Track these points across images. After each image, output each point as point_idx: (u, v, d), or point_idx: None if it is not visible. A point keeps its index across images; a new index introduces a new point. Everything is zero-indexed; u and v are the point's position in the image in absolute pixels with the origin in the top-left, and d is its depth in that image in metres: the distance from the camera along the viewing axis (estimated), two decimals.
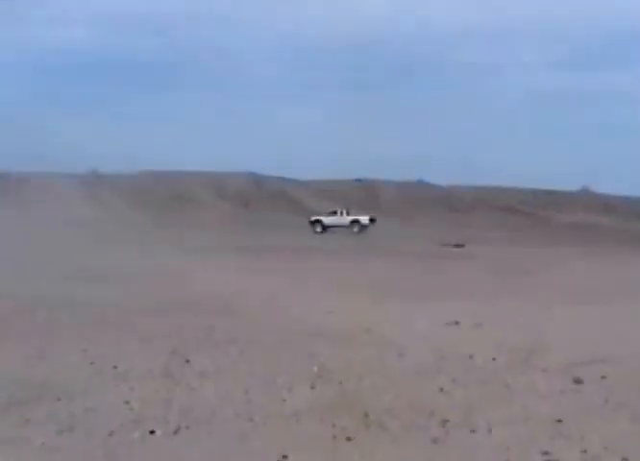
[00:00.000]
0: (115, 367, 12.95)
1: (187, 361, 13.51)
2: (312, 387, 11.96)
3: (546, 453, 8.94)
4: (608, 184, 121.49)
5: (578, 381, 12.57)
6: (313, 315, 19.07)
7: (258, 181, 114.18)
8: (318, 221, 77.03)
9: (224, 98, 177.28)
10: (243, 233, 62.10)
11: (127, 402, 10.83)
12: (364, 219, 77.22)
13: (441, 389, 11.91)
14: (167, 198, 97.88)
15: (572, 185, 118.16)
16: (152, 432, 9.50)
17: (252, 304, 20.75)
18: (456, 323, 18.11)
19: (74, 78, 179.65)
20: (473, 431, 9.80)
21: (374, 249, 49.40)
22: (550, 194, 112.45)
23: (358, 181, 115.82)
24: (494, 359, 14.27)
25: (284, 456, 8.66)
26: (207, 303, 20.76)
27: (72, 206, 73.03)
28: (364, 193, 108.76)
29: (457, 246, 55.37)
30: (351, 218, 77.30)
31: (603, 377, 12.87)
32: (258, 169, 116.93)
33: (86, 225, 58.35)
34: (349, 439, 9.39)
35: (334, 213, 79.04)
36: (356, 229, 74.95)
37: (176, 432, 9.56)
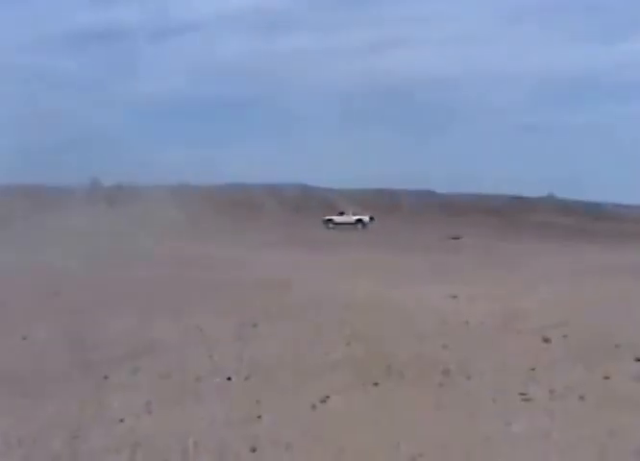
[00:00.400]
0: (201, 330, 13.07)
1: (254, 326, 13.59)
2: (347, 345, 12.00)
3: (523, 394, 8.95)
4: (568, 191, 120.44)
5: (546, 340, 12.53)
6: (346, 292, 19.05)
7: (306, 190, 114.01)
8: (330, 220, 76.62)
9: (283, 126, 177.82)
10: (295, 232, 62.11)
11: (210, 357, 10.94)
12: (365, 218, 76.45)
13: (444, 346, 11.91)
14: (237, 204, 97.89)
15: (540, 192, 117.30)
16: (229, 379, 9.60)
17: (299, 284, 20.75)
18: (455, 297, 18.06)
19: (172, 113, 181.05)
20: (468, 378, 9.83)
21: (395, 242, 49.24)
22: (523, 199, 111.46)
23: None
24: (483, 323, 14.25)
25: (327, 396, 8.73)
26: (266, 283, 20.81)
27: (166, 210, 73.16)
28: (387, 200, 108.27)
29: (455, 238, 55.07)
30: (356, 217, 76.60)
31: (565, 336, 12.83)
32: (306, 181, 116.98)
33: (175, 226, 58.51)
34: (375, 384, 9.44)
35: (342, 214, 78.45)
36: (360, 226, 74.43)
37: (246, 379, 9.65)
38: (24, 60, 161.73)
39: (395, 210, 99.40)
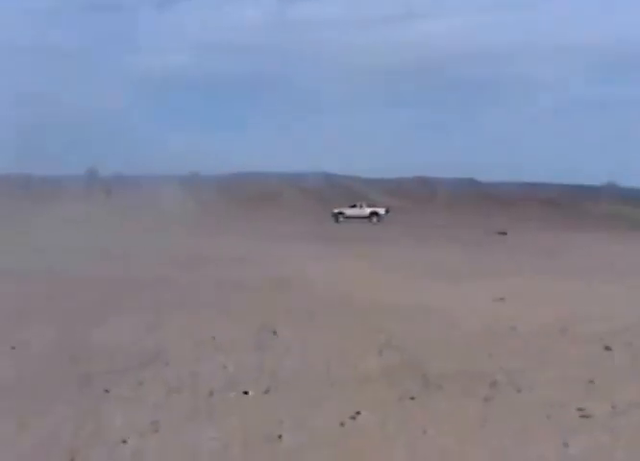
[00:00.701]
0: (214, 338, 13.09)
1: (274, 333, 13.60)
2: (380, 354, 11.98)
3: (581, 409, 8.89)
4: (630, 179, 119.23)
5: (607, 348, 12.45)
6: (377, 293, 19.04)
7: (329, 179, 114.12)
8: (340, 213, 76.67)
9: (303, 109, 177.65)
10: (317, 226, 62.12)
11: (224, 367, 10.96)
12: (381, 210, 76.80)
13: (490, 355, 11.87)
14: (253, 195, 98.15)
15: (599, 180, 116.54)
16: (245, 393, 9.60)
17: (325, 285, 20.76)
18: (502, 299, 18.00)
19: (179, 94, 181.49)
20: (518, 391, 9.78)
21: (430, 236, 49.12)
22: (581, 188, 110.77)
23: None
24: (535, 329, 14.18)
25: (358, 413, 8.70)
26: (289, 283, 20.84)
27: (176, 203, 73.66)
28: (422, 189, 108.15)
29: (501, 233, 54.83)
30: (370, 210, 76.96)
31: (629, 344, 12.74)
32: (330, 169, 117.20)
33: (187, 219, 58.77)
34: (412, 398, 9.41)
35: (355, 206, 78.76)
36: (375, 219, 74.60)
37: (266, 393, 9.65)
38: (9, 34, 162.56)
39: (431, 201, 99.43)
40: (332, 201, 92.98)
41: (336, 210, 77.57)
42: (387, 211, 77.01)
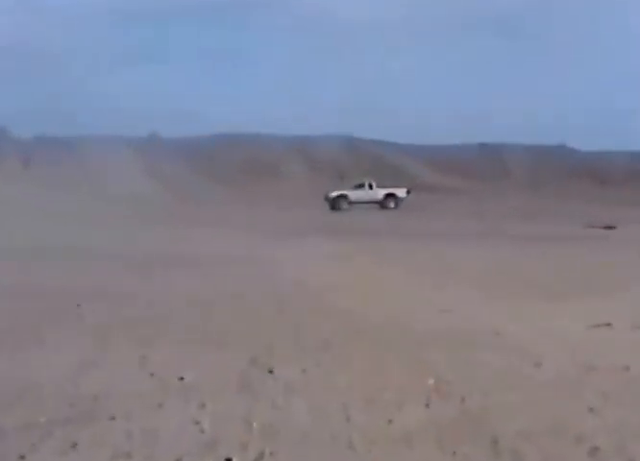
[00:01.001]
0: (182, 378, 13.02)
1: (270, 371, 13.54)
2: (427, 405, 11.89)
3: None
4: None
5: None
6: (422, 313, 18.99)
7: (354, 145, 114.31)
8: (343, 196, 76.89)
9: (311, 45, 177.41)
10: (331, 212, 62.22)
11: (196, 423, 10.87)
12: (401, 192, 77.70)
13: (590, 408, 11.75)
14: (244, 167, 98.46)
15: None
16: (228, 460, 9.52)
17: (346, 300, 20.73)
18: (608, 325, 17.90)
19: (126, 21, 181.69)
20: None
21: (495, 230, 49.13)
22: None
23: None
24: None
25: None
26: (292, 298, 20.82)
27: (128, 177, 73.83)
28: (490, 161, 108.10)
29: (608, 228, 54.59)
30: (385, 191, 77.56)
31: None
32: (354, 131, 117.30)
33: (144, 201, 58.94)
34: None
35: (362, 186, 78.97)
36: (392, 204, 75.26)
37: (258, 460, 9.57)
38: None
39: (504, 178, 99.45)
40: (355, 175, 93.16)
41: (335, 193, 78.18)
42: (409, 193, 77.78)
